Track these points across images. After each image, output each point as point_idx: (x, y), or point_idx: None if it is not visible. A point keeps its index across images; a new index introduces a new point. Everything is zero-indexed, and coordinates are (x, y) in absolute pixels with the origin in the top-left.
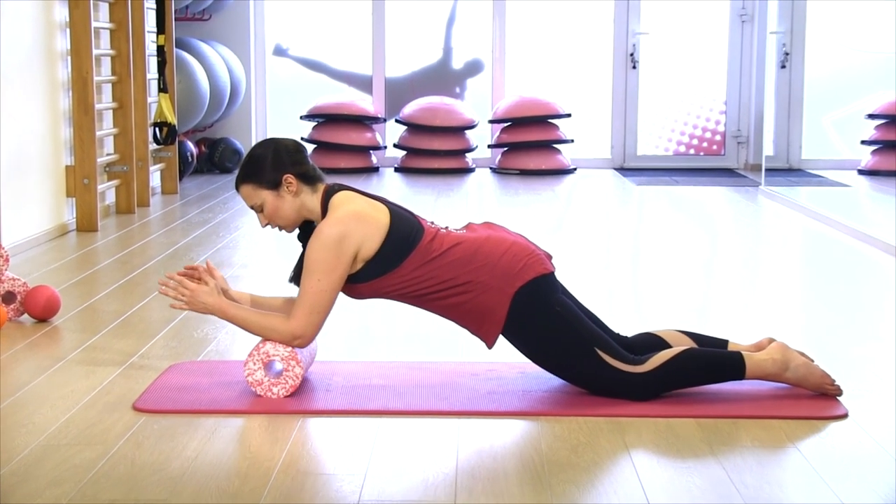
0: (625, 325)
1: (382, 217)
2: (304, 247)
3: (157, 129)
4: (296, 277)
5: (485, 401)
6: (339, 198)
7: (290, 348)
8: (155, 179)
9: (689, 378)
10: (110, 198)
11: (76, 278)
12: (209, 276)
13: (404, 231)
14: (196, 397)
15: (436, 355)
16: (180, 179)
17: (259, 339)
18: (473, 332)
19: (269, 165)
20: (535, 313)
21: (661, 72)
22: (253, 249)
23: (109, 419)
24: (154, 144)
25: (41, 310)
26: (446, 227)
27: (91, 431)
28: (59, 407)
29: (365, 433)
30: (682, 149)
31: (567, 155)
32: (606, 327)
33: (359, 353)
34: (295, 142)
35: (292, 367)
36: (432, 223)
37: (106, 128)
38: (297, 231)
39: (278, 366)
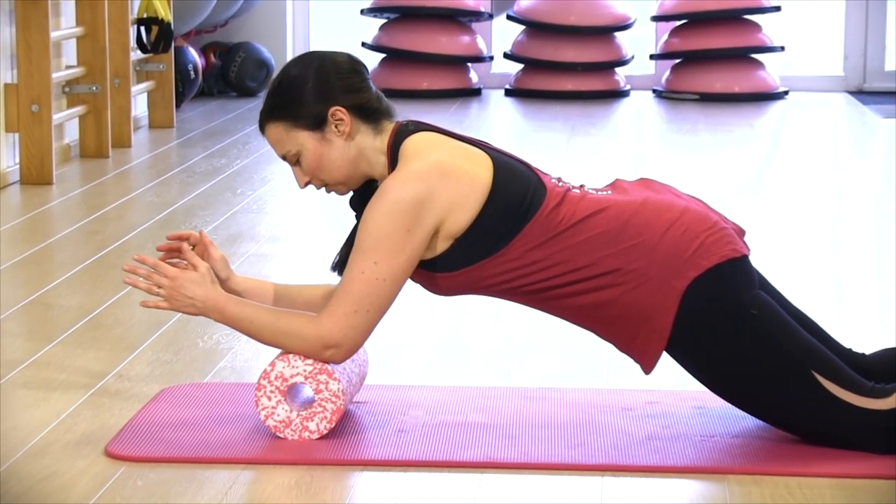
0: (860, 336)
1: (482, 171)
2: (360, 218)
3: (142, 29)
4: (343, 264)
5: (642, 449)
6: (415, 142)
7: (312, 359)
8: (140, 106)
9: None
10: (72, 134)
11: (19, 256)
12: (196, 258)
13: (515, 192)
14: (201, 438)
15: (566, 379)
16: (178, 106)
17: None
18: (622, 349)
19: (310, 94)
20: (719, 318)
21: None
22: (287, 214)
23: (71, 470)
24: (139, 52)
25: None
26: (581, 186)
27: (44, 487)
28: None
29: (459, 495)
30: None
31: (774, 71)
32: (831, 339)
33: (448, 375)
34: (349, 57)
35: (325, 385)
36: (559, 180)
37: (65, 27)
38: (350, 193)
39: (306, 390)
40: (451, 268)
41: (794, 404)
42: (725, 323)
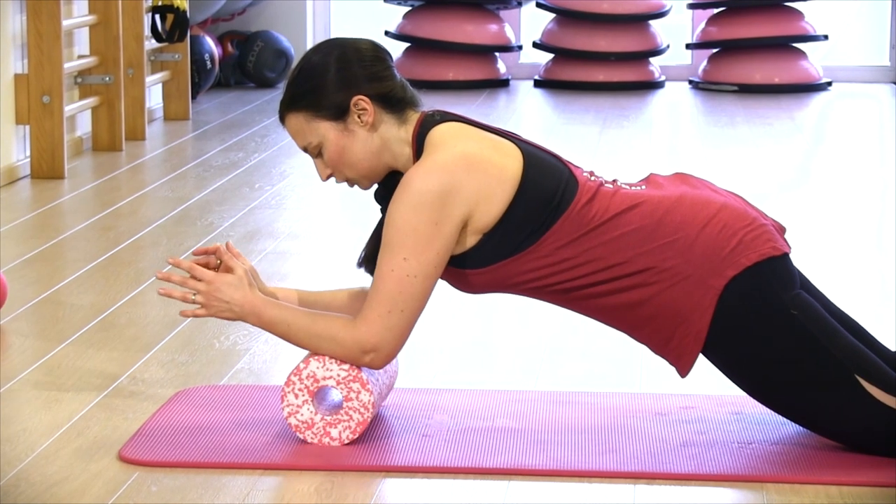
0: None
1: (511, 163)
2: (385, 211)
3: (157, 18)
4: (369, 260)
5: (677, 456)
6: (441, 132)
7: (348, 364)
8: (154, 97)
9: None
10: (84, 126)
11: (30, 253)
12: (233, 260)
13: (546, 185)
14: (217, 443)
15: (597, 383)
16: (193, 97)
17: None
18: (657, 351)
19: (332, 82)
20: (757, 319)
21: None
22: (307, 210)
23: (82, 475)
24: (153, 41)
25: None
26: (614, 181)
27: (55, 492)
28: (2, 455)
29: (485, 503)
30: None
31: (817, 61)
32: (876, 343)
33: (475, 378)
34: (372, 44)
35: (357, 394)
36: (591, 174)
37: (77, 15)
38: (374, 186)
39: (334, 394)
40: (479, 264)
41: (837, 410)
42: (764, 324)
